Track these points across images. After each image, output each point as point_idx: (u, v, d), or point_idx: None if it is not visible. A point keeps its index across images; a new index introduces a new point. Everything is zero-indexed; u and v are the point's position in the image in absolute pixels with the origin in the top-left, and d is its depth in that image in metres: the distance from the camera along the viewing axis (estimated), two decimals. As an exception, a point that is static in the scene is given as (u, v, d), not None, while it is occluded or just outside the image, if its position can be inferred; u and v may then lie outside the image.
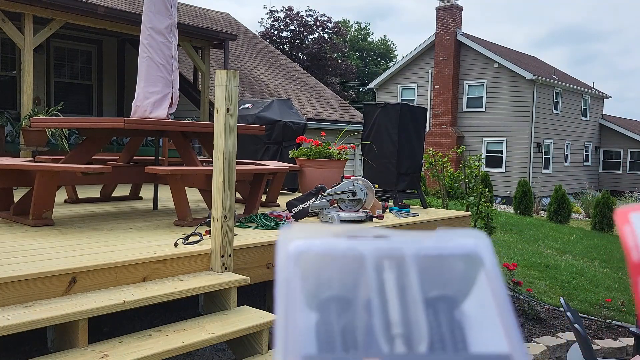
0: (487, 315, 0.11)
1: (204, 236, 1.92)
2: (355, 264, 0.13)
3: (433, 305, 0.12)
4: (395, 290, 0.13)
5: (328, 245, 0.14)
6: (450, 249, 0.12)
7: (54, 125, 2.68)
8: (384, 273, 0.13)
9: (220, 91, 1.77)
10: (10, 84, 5.26)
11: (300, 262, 0.14)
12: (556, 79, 12.28)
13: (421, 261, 0.13)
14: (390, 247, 0.13)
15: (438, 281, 0.12)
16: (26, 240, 1.86)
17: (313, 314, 0.12)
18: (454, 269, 0.13)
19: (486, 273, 0.12)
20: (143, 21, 2.54)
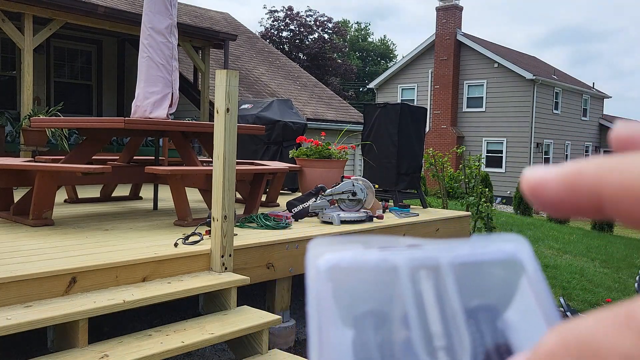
0: (532, 323, 0.11)
1: (204, 236, 1.92)
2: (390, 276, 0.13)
3: (474, 316, 0.12)
4: (433, 301, 0.12)
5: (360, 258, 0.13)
6: (488, 254, 0.12)
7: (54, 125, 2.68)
8: (420, 284, 0.13)
9: (220, 91, 1.77)
10: (10, 84, 5.26)
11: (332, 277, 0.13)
12: (556, 79, 12.28)
13: (458, 269, 0.13)
14: (424, 257, 0.13)
15: (478, 290, 0.12)
16: (26, 240, 1.86)
17: (348, 330, 0.12)
18: (493, 276, 0.12)
19: (528, 279, 0.12)
20: (143, 21, 2.54)
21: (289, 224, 2.29)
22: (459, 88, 11.84)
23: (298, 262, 2.11)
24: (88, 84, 5.90)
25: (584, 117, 13.50)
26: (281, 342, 2.04)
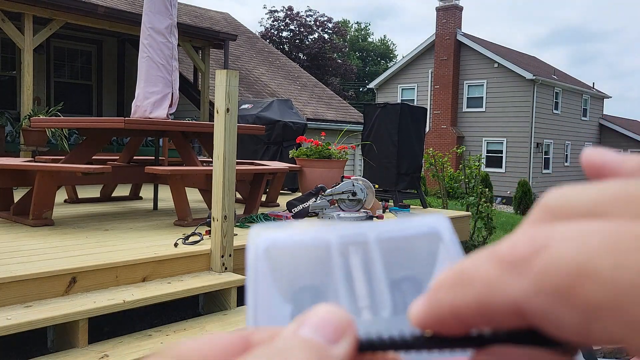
0: None
1: (204, 236, 1.92)
2: (323, 252, 0.14)
3: (399, 287, 0.13)
4: (360, 272, 0.13)
5: (296, 237, 0.14)
6: (412, 229, 0.13)
7: (54, 125, 2.67)
8: (349, 258, 0.14)
9: (220, 91, 1.77)
10: (10, 84, 5.26)
11: (270, 256, 0.14)
12: (556, 79, 12.27)
13: (385, 243, 0.14)
14: (354, 233, 0.14)
15: (402, 259, 0.13)
16: (26, 240, 1.86)
17: (287, 305, 0.13)
18: (416, 249, 0.13)
19: (445, 248, 0.13)
20: (143, 21, 2.54)
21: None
22: (459, 88, 11.84)
23: (298, 262, 2.10)
24: (88, 84, 5.90)
25: (584, 117, 13.49)
26: (281, 342, 2.03)
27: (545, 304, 0.09)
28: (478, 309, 0.11)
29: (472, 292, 0.11)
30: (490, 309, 0.10)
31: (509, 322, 0.10)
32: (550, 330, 0.10)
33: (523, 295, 0.10)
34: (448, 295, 0.11)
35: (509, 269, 0.10)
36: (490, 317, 0.10)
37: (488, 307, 0.10)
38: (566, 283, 0.09)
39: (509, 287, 0.10)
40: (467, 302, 0.11)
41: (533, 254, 0.10)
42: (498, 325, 0.11)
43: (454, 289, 0.11)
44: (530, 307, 0.10)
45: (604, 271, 0.09)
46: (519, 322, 0.10)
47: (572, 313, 0.09)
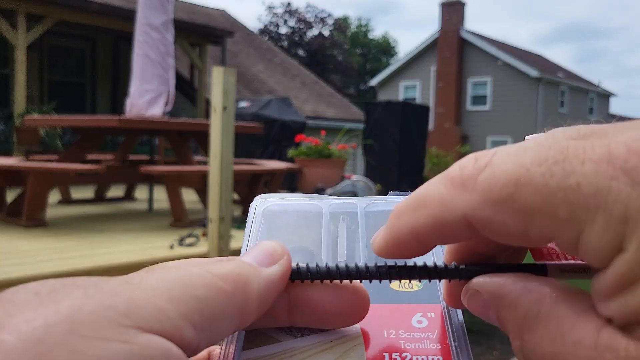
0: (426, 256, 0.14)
1: (200, 238, 1.88)
2: (315, 217, 0.16)
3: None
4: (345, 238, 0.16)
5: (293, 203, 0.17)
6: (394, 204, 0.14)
7: (48, 124, 2.62)
8: (338, 224, 0.16)
9: (217, 89, 1.72)
10: (3, 82, 5.20)
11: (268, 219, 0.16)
12: (561, 76, 12.19)
13: (370, 215, 0.17)
14: (345, 204, 0.17)
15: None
16: (20, 241, 1.83)
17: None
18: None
19: None
20: (138, 17, 2.48)
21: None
22: (463, 86, 11.75)
23: (297, 265, 2.06)
24: (82, 82, 5.83)
25: (590, 115, 13.41)
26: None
27: (490, 213, 0.11)
28: (434, 227, 0.12)
29: (428, 212, 0.12)
30: (444, 225, 0.12)
31: (461, 235, 0.12)
32: (495, 237, 0.11)
33: (471, 208, 0.11)
34: (408, 219, 0.12)
35: (458, 187, 0.12)
36: (445, 232, 0.12)
37: (442, 223, 0.12)
38: (506, 193, 0.11)
39: (459, 203, 0.11)
40: (424, 221, 0.12)
41: (478, 171, 0.11)
42: (453, 240, 0.13)
43: (412, 212, 0.12)
44: (478, 218, 0.11)
45: (537, 178, 0.10)
46: (469, 234, 0.12)
47: (513, 218, 0.11)
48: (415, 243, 0.12)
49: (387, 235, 0.13)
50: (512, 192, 0.10)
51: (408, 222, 0.12)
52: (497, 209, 0.11)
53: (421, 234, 0.12)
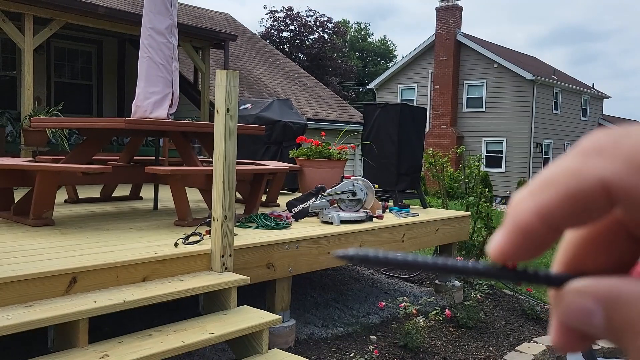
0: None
1: (204, 236, 1.92)
2: None
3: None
4: None
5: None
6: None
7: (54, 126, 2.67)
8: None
9: (220, 91, 1.77)
10: (10, 84, 5.26)
11: None
12: (556, 79, 12.27)
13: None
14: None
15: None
16: (26, 240, 1.86)
17: None
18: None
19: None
20: (143, 21, 2.54)
21: (289, 224, 2.29)
22: (459, 88, 11.83)
23: (298, 262, 2.11)
24: (88, 84, 5.90)
25: (584, 117, 13.49)
26: (281, 342, 2.04)
27: (634, 177, 0.09)
28: (566, 201, 0.10)
29: (558, 187, 0.10)
30: (579, 197, 0.10)
31: (597, 209, 0.10)
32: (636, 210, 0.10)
33: (612, 173, 0.10)
34: (533, 201, 0.11)
35: (593, 155, 0.10)
36: (580, 206, 0.10)
37: (576, 195, 0.10)
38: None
39: (596, 169, 0.10)
40: (554, 198, 0.10)
41: (615, 142, 0.10)
42: (588, 217, 0.10)
43: (538, 193, 0.10)
44: (621, 184, 0.10)
45: None
46: (606, 209, 0.10)
47: None
48: (545, 228, 0.10)
49: (510, 228, 0.11)
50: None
51: (533, 204, 0.10)
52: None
53: (551, 213, 0.10)
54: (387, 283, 3.28)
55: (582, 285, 0.11)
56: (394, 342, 2.24)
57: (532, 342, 2.41)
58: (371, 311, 2.67)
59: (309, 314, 2.54)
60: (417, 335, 2.16)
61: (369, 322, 2.50)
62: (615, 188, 0.10)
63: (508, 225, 0.11)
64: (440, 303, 2.78)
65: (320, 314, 2.55)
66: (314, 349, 2.13)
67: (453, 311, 2.51)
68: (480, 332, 2.47)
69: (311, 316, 2.51)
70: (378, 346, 2.17)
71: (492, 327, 2.55)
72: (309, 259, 2.15)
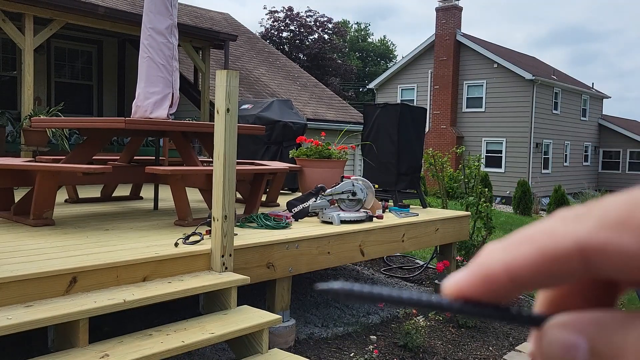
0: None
1: (204, 236, 1.92)
2: None
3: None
4: None
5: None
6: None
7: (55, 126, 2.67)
8: None
9: (220, 91, 1.77)
10: (10, 84, 5.26)
11: None
12: (555, 79, 12.27)
13: None
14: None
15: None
16: (27, 240, 1.86)
17: None
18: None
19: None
20: (143, 21, 2.54)
21: (289, 224, 2.29)
22: (459, 88, 11.84)
23: (298, 262, 2.11)
24: (88, 84, 5.90)
25: (583, 117, 13.49)
26: (281, 342, 2.04)
27: (607, 235, 0.10)
28: (539, 262, 0.10)
29: (534, 245, 0.11)
30: (553, 258, 0.10)
31: (570, 272, 0.10)
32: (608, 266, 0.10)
33: (587, 233, 0.10)
34: (505, 254, 0.11)
35: (571, 220, 0.11)
36: (552, 268, 0.10)
37: (551, 256, 0.10)
38: (624, 215, 0.10)
39: (571, 231, 0.10)
40: (528, 256, 0.11)
41: (589, 208, 0.11)
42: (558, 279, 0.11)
43: (512, 248, 0.11)
44: (594, 241, 0.10)
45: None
46: (579, 271, 0.10)
47: (630, 236, 0.10)
48: (510, 284, 0.11)
49: (474, 272, 0.11)
50: (630, 213, 0.10)
51: (504, 257, 0.11)
52: (614, 230, 0.10)
53: (520, 270, 0.10)
54: (387, 283, 3.28)
55: (564, 319, 0.11)
56: (394, 342, 2.24)
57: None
58: (371, 311, 2.67)
59: (309, 313, 2.54)
60: (417, 335, 2.16)
61: (369, 322, 2.51)
62: (588, 244, 0.10)
63: (474, 268, 0.11)
64: (440, 303, 2.77)
65: (320, 314, 2.55)
66: (314, 349, 2.13)
67: (453, 311, 2.50)
68: (480, 332, 2.47)
69: (311, 316, 2.51)
70: (378, 346, 2.17)
71: (492, 326, 2.55)
72: (309, 258, 2.15)
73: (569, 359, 0.11)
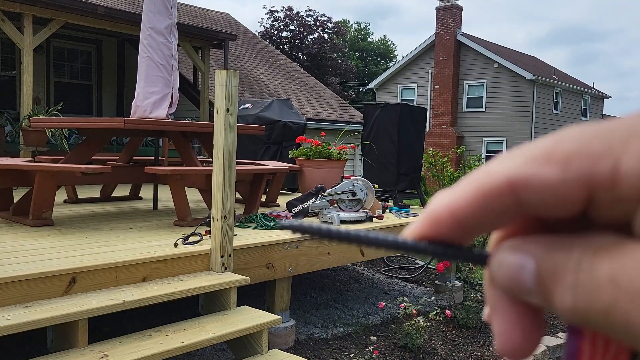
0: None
1: (203, 236, 1.92)
2: None
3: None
4: None
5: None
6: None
7: (54, 126, 2.67)
8: None
9: (220, 91, 1.77)
10: (10, 84, 5.26)
11: None
12: (556, 79, 12.28)
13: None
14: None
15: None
16: (26, 240, 1.86)
17: None
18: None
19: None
20: (143, 21, 2.54)
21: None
22: (459, 88, 11.83)
23: (298, 262, 2.11)
24: (88, 84, 5.90)
25: (584, 117, 13.49)
26: (281, 342, 2.04)
27: (532, 169, 0.11)
28: (475, 200, 0.11)
29: (472, 185, 0.11)
30: (486, 195, 0.11)
31: (503, 209, 0.11)
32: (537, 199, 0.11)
33: (515, 168, 0.11)
34: (447, 197, 0.12)
35: (506, 158, 0.12)
36: (487, 206, 0.11)
37: (484, 192, 0.11)
38: (547, 150, 0.11)
39: (504, 167, 0.11)
40: (465, 196, 0.11)
41: (521, 147, 0.11)
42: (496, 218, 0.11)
43: (455, 191, 0.12)
44: (521, 175, 0.11)
45: (574, 134, 0.11)
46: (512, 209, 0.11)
47: (552, 167, 0.11)
48: (455, 226, 0.11)
49: (424, 217, 0.12)
50: (553, 148, 0.11)
51: (449, 199, 0.11)
52: (539, 163, 0.11)
53: (460, 210, 0.11)
54: (387, 283, 3.27)
55: (512, 242, 0.12)
56: (394, 343, 2.24)
57: (532, 342, 2.39)
58: (371, 311, 2.67)
59: (308, 314, 2.53)
60: (417, 336, 2.15)
61: (368, 323, 2.50)
62: (516, 181, 0.11)
63: (424, 214, 0.12)
64: (440, 303, 2.77)
65: (320, 314, 2.55)
66: (314, 350, 2.13)
67: (453, 311, 2.50)
68: (481, 333, 2.47)
69: (311, 316, 2.51)
70: (378, 346, 2.17)
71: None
72: (309, 259, 2.15)
73: (516, 278, 0.11)
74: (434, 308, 2.58)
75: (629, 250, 0.10)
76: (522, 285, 0.11)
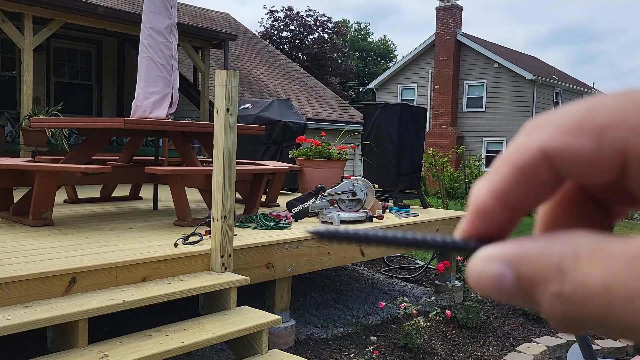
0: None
1: (203, 236, 1.92)
2: None
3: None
4: None
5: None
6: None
7: (54, 126, 2.67)
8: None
9: (220, 91, 1.77)
10: (10, 84, 5.26)
11: None
12: (556, 79, 12.27)
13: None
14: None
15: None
16: (26, 240, 1.86)
17: None
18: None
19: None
20: (143, 21, 2.54)
21: (289, 224, 2.29)
22: (459, 88, 11.83)
23: (298, 262, 2.11)
24: (88, 84, 5.90)
25: (584, 117, 13.46)
26: (281, 342, 2.04)
27: (565, 139, 0.11)
28: (514, 177, 0.11)
29: (507, 164, 0.11)
30: (524, 170, 0.11)
31: (543, 181, 0.11)
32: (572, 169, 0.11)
33: (547, 139, 0.11)
34: (486, 183, 0.12)
35: (532, 130, 0.11)
36: (527, 181, 0.11)
37: (521, 168, 0.11)
38: (580, 118, 0.11)
39: (534, 140, 0.11)
40: (503, 175, 0.11)
41: (549, 116, 0.12)
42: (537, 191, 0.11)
43: (491, 175, 0.12)
44: (554, 145, 0.11)
45: (609, 103, 0.11)
46: (552, 179, 0.11)
47: (587, 137, 0.11)
48: (500, 207, 0.11)
49: (470, 211, 0.12)
50: (586, 117, 0.11)
51: (487, 185, 0.11)
52: (573, 134, 0.11)
53: (503, 191, 0.11)
54: (387, 283, 3.28)
55: (489, 251, 0.11)
56: (394, 343, 2.24)
57: (533, 343, 2.41)
58: (371, 311, 2.67)
59: (308, 314, 2.53)
60: (417, 336, 2.16)
61: (369, 323, 2.50)
62: (550, 152, 0.11)
63: (468, 209, 0.12)
64: (441, 303, 2.77)
65: (320, 314, 2.55)
66: (314, 350, 2.13)
67: (453, 311, 2.50)
68: (481, 333, 2.47)
69: (311, 316, 2.51)
70: (378, 346, 2.17)
71: (493, 327, 2.55)
72: (309, 259, 2.15)
73: (499, 287, 0.11)
74: (434, 308, 2.58)
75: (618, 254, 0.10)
76: (507, 294, 0.11)
